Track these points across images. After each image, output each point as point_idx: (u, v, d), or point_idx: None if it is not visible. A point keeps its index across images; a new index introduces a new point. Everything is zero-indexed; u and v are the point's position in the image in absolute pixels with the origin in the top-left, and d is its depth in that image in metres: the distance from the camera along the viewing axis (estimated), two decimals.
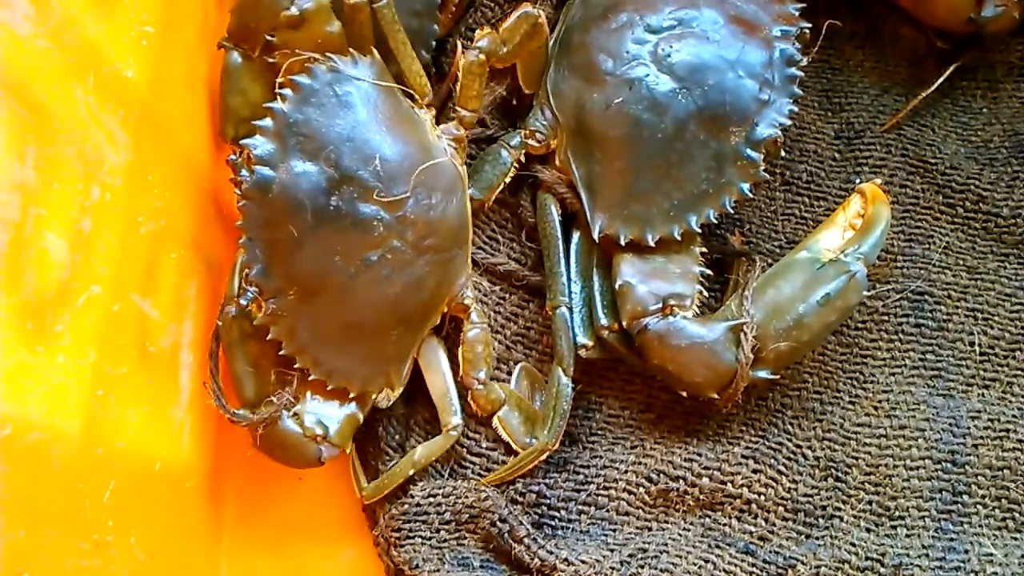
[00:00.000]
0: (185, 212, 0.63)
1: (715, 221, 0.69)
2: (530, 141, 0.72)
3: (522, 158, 0.72)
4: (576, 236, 0.71)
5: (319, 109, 0.62)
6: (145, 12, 0.56)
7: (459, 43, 0.73)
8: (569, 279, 0.71)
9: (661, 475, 0.69)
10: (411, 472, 0.68)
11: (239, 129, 0.66)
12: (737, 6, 0.70)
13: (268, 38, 0.63)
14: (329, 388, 0.66)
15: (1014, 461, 0.70)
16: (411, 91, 0.67)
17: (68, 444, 0.49)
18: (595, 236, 0.69)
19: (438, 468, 0.70)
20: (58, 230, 0.48)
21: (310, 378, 0.65)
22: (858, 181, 0.76)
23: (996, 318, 0.74)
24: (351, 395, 0.66)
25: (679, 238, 0.69)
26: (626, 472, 0.69)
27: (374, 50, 0.66)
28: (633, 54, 0.69)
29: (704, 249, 0.71)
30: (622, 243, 0.69)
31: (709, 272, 0.70)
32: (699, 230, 0.69)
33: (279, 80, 0.62)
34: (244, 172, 0.61)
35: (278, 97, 0.62)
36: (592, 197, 0.70)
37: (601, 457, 0.70)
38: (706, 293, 0.69)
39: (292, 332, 0.64)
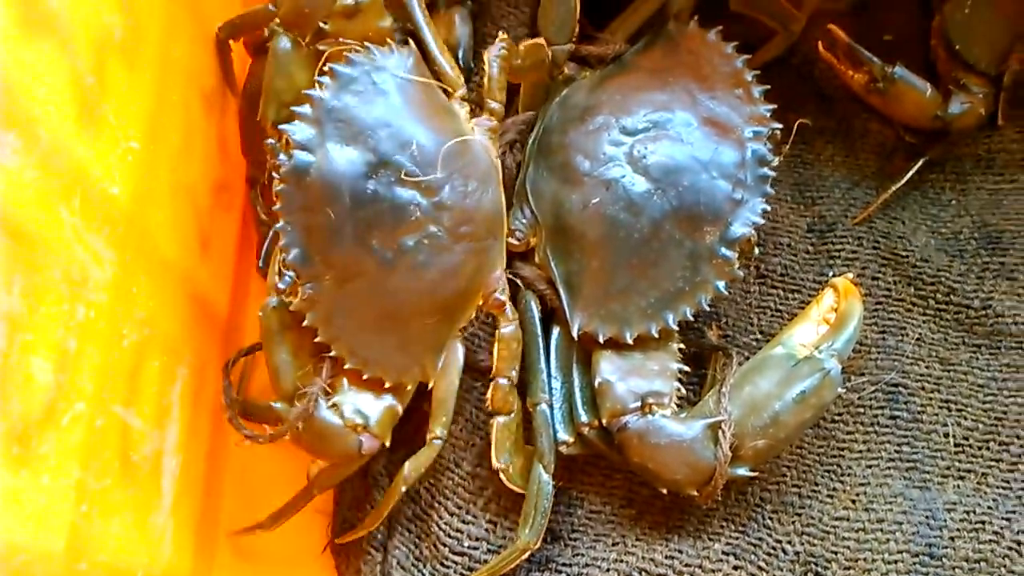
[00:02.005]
0: (167, 319, 0.64)
1: (691, 318, 0.70)
2: (510, 239, 0.73)
3: None
4: (556, 332, 0.72)
5: (357, 96, 0.63)
6: (131, 128, 0.57)
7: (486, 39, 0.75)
8: (549, 376, 0.71)
9: (643, 573, 0.69)
10: (403, 489, 0.67)
11: (280, 113, 0.66)
12: (710, 108, 0.72)
13: (321, 25, 0.64)
14: (365, 378, 0.65)
15: (990, 553, 0.70)
16: (445, 85, 0.69)
17: (52, 563, 0.50)
18: (575, 334, 0.70)
19: (419, 567, 0.70)
20: (44, 353, 0.49)
21: (346, 366, 0.65)
22: (831, 273, 0.78)
23: (969, 409, 0.75)
24: (386, 385, 0.66)
25: (657, 335, 0.70)
26: (608, 571, 0.69)
27: (411, 43, 0.67)
28: (609, 156, 0.70)
29: (681, 345, 0.72)
30: (601, 341, 0.70)
31: (687, 368, 0.71)
32: (676, 327, 0.70)
33: (319, 68, 0.64)
34: (283, 156, 0.62)
35: (317, 85, 0.63)
36: (571, 295, 0.71)
37: (583, 555, 0.70)
38: (684, 390, 0.70)
39: (328, 318, 0.63)
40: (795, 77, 0.83)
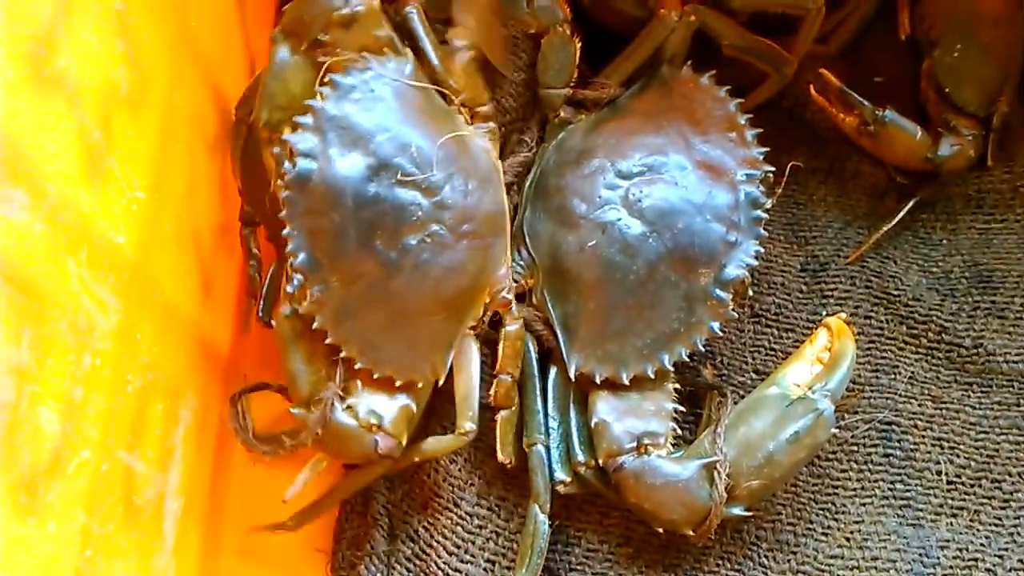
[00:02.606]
0: (171, 362, 0.65)
1: (687, 359, 0.71)
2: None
3: None
4: (553, 372, 0.73)
5: (356, 104, 0.65)
6: (136, 178, 0.58)
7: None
8: (546, 415, 0.72)
9: None
10: (416, 459, 0.69)
11: (273, 115, 0.68)
12: (704, 152, 0.73)
13: (320, 37, 0.66)
14: (376, 377, 0.66)
15: None
16: (444, 91, 0.70)
17: None
18: (571, 375, 0.71)
19: None
20: (51, 403, 0.49)
21: (356, 367, 0.66)
22: (824, 313, 0.79)
23: (962, 447, 0.76)
24: (398, 384, 0.67)
25: (653, 376, 0.71)
26: None
27: (409, 51, 0.69)
28: (605, 199, 0.71)
29: (677, 384, 0.73)
30: (598, 381, 0.71)
31: (682, 408, 0.72)
32: (671, 368, 0.71)
33: (320, 79, 0.66)
34: (287, 164, 0.63)
35: (318, 95, 0.65)
36: (568, 336, 0.72)
37: None
38: (679, 430, 0.71)
39: (337, 319, 0.64)
40: (787, 119, 0.85)
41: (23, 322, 0.47)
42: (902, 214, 0.82)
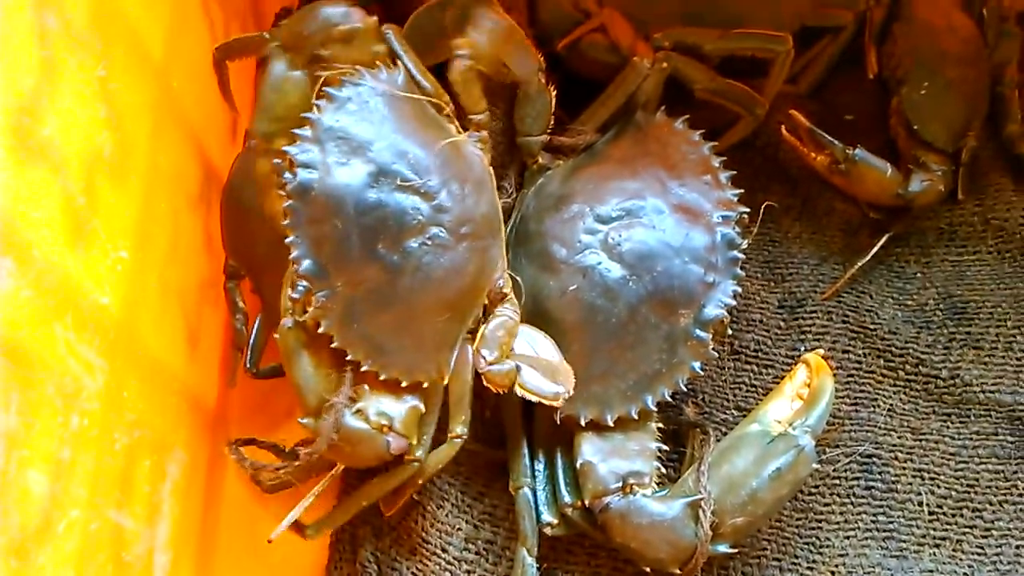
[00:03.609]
0: (157, 418, 0.65)
1: (669, 399, 0.72)
2: None
3: None
4: (538, 415, 0.74)
5: (352, 115, 0.67)
6: (120, 239, 0.59)
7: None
8: (532, 458, 0.73)
9: None
10: (420, 482, 0.69)
11: (269, 126, 0.71)
12: (680, 195, 0.74)
13: (320, 51, 0.70)
14: (382, 378, 0.67)
15: None
16: (435, 100, 0.72)
17: None
18: (556, 418, 0.72)
19: None
20: (40, 466, 0.50)
21: (363, 369, 0.66)
22: (803, 348, 0.80)
23: (942, 477, 0.77)
24: (404, 385, 0.67)
25: (636, 416, 0.72)
26: None
27: (401, 64, 0.71)
28: (585, 243, 0.73)
29: (660, 424, 0.73)
30: (582, 423, 0.71)
31: (665, 447, 0.73)
32: (655, 408, 0.72)
33: (317, 92, 0.68)
34: (287, 175, 0.65)
35: (315, 108, 0.67)
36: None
37: None
38: (663, 469, 0.72)
39: (343, 323, 0.65)
40: (761, 159, 0.87)
41: (11, 388, 0.47)
42: (876, 249, 0.83)
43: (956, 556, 0.75)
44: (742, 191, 0.75)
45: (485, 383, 0.69)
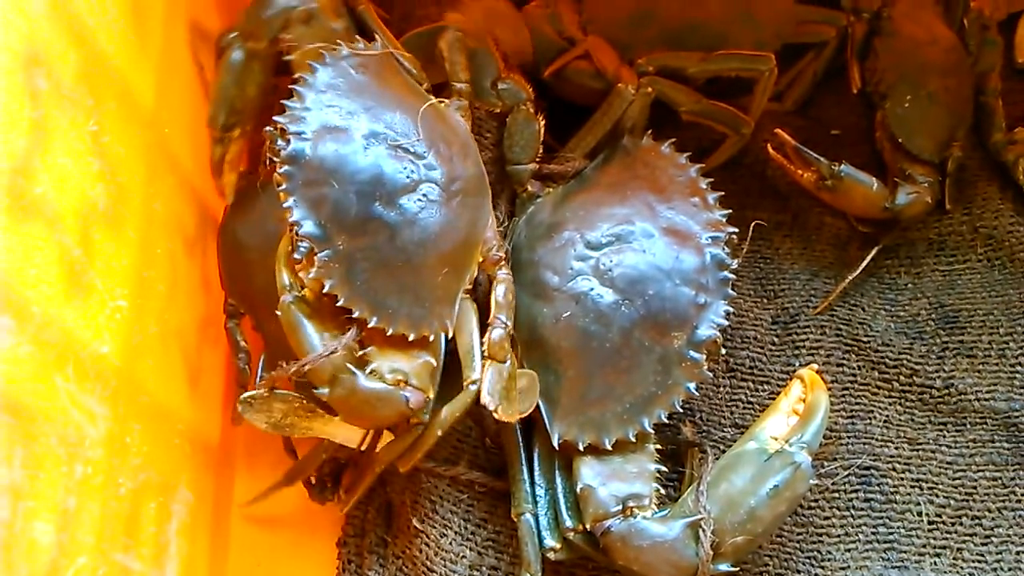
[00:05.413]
0: (161, 460, 0.66)
1: (666, 420, 0.73)
2: None
3: None
4: (537, 441, 0.75)
5: (338, 85, 0.68)
6: (118, 288, 0.60)
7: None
8: (533, 484, 0.74)
9: None
10: (439, 433, 0.69)
11: (228, 118, 0.73)
12: (669, 218, 0.75)
13: (282, 36, 0.72)
14: (389, 334, 0.67)
15: None
16: (413, 71, 0.75)
17: None
18: (555, 443, 0.73)
19: None
20: (45, 516, 0.51)
21: (369, 325, 0.67)
22: (798, 363, 0.81)
23: (940, 487, 0.78)
24: (411, 339, 0.68)
25: (634, 439, 0.72)
26: None
27: (379, 37, 0.73)
28: (577, 270, 0.74)
29: (658, 445, 0.74)
30: (581, 448, 0.72)
31: (664, 468, 0.73)
32: (651, 430, 0.73)
33: (296, 61, 0.71)
34: (280, 143, 0.66)
35: (300, 80, 0.68)
36: (550, 405, 0.73)
37: None
38: (663, 490, 0.72)
39: (346, 281, 0.66)
40: (749, 176, 0.88)
41: (14, 443, 0.48)
42: (866, 262, 0.84)
43: (957, 564, 0.76)
44: (731, 211, 0.76)
45: (484, 342, 0.70)
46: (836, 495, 0.78)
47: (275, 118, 0.67)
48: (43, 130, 0.52)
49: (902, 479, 0.78)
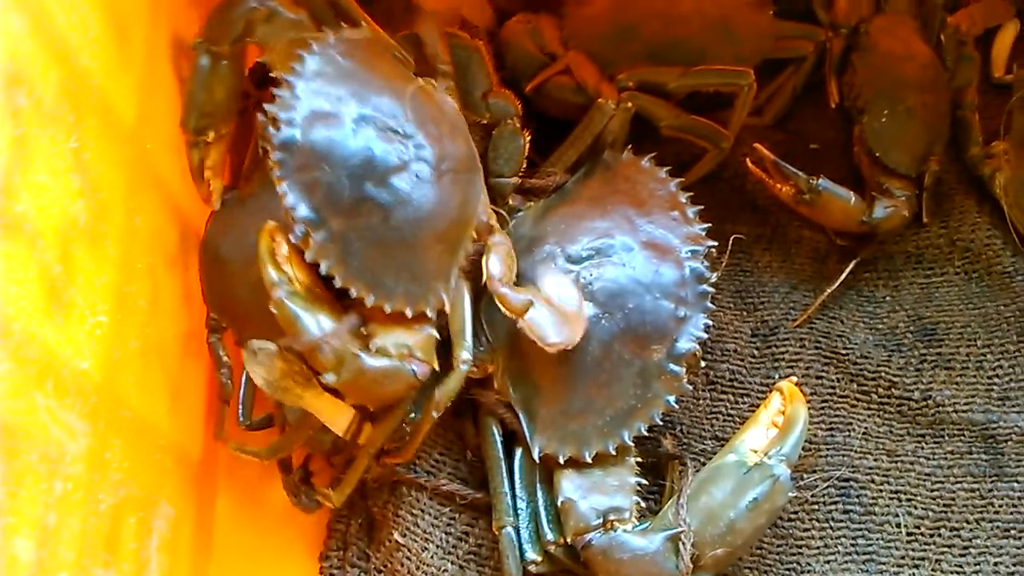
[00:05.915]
0: (142, 475, 0.66)
1: (646, 433, 0.73)
2: (473, 368, 0.76)
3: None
4: (519, 453, 0.75)
5: (326, 72, 0.69)
6: (98, 303, 0.60)
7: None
8: (514, 497, 0.74)
9: None
10: (435, 415, 0.70)
11: (200, 122, 0.74)
12: (648, 232, 0.76)
13: (247, 40, 0.72)
14: (388, 311, 0.68)
15: None
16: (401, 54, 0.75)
17: None
18: (536, 456, 0.73)
19: None
20: (25, 532, 0.51)
21: (368, 304, 0.67)
22: (777, 376, 0.82)
23: (919, 498, 0.79)
24: (410, 316, 0.69)
25: (614, 452, 0.73)
26: None
27: (363, 21, 0.74)
28: None
29: (638, 457, 0.75)
30: (561, 461, 0.73)
31: (644, 481, 0.74)
32: (632, 443, 0.73)
33: (273, 59, 0.71)
34: (271, 130, 0.67)
35: (288, 69, 0.68)
36: (530, 418, 0.74)
37: None
38: (643, 503, 0.73)
39: (342, 262, 0.67)
40: (729, 190, 0.88)
41: None
42: (845, 275, 0.85)
43: None
44: (710, 225, 0.77)
45: (498, 303, 0.70)
46: (815, 507, 0.78)
47: (266, 106, 0.68)
48: (23, 148, 0.52)
49: (881, 491, 0.79)
